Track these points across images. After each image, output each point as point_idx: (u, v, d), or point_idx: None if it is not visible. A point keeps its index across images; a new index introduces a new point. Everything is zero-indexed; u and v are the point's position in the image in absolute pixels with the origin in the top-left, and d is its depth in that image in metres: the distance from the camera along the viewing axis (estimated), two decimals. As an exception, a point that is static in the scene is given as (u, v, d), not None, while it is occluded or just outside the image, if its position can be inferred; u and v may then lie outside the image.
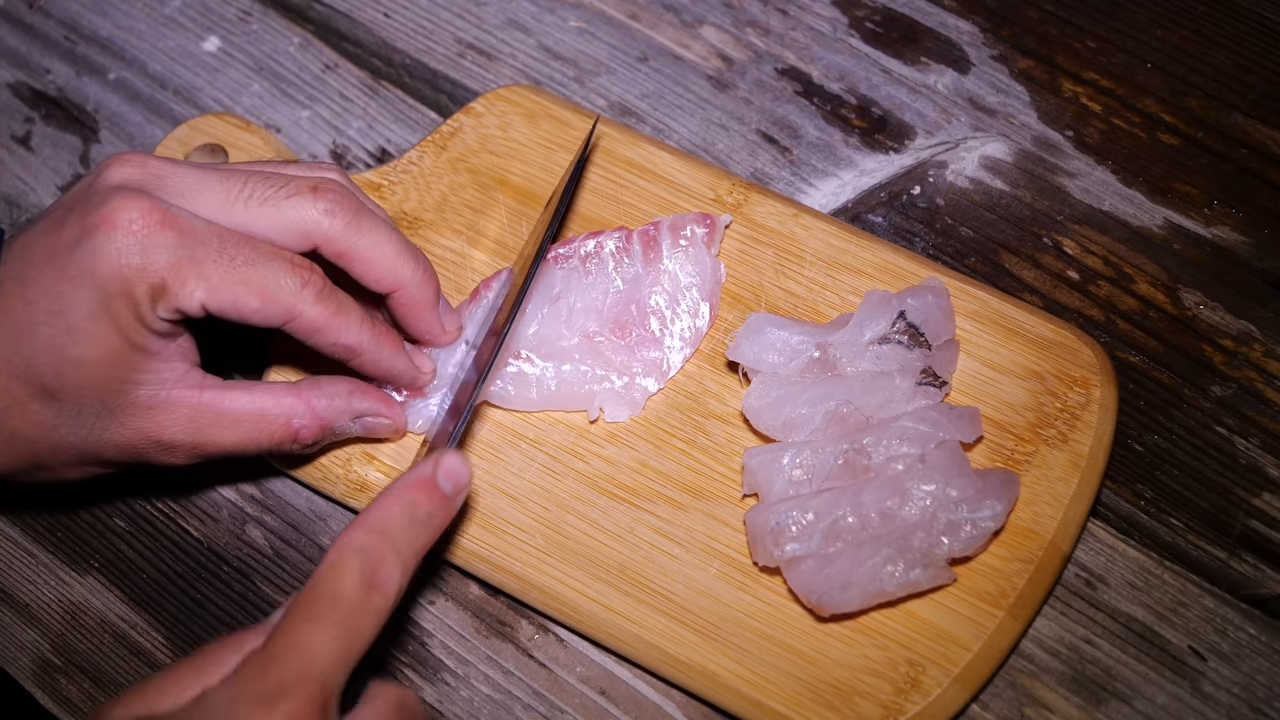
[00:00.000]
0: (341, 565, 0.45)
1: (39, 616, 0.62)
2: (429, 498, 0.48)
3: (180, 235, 0.52)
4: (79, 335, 0.52)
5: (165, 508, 0.64)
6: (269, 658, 0.43)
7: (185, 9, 0.78)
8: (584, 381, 0.61)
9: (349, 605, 0.44)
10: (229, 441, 0.55)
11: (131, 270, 0.51)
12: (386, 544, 0.46)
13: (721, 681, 0.56)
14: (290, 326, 0.54)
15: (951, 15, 0.75)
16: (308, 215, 0.55)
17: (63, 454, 0.54)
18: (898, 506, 0.55)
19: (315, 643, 0.44)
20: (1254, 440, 0.62)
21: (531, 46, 0.76)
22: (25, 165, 0.74)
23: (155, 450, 0.55)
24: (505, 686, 0.59)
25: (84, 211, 0.52)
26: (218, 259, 0.52)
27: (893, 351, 0.58)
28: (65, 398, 0.53)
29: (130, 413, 0.54)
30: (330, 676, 0.43)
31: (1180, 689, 0.57)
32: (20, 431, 0.53)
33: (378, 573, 0.45)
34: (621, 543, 0.58)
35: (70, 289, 0.51)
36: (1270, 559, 0.59)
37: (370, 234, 0.56)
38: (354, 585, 0.45)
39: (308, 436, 0.57)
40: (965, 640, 0.55)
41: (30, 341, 0.52)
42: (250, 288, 0.53)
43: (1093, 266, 0.67)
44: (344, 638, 0.44)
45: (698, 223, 0.63)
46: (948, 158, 0.71)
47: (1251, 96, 0.71)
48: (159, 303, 0.52)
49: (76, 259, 0.51)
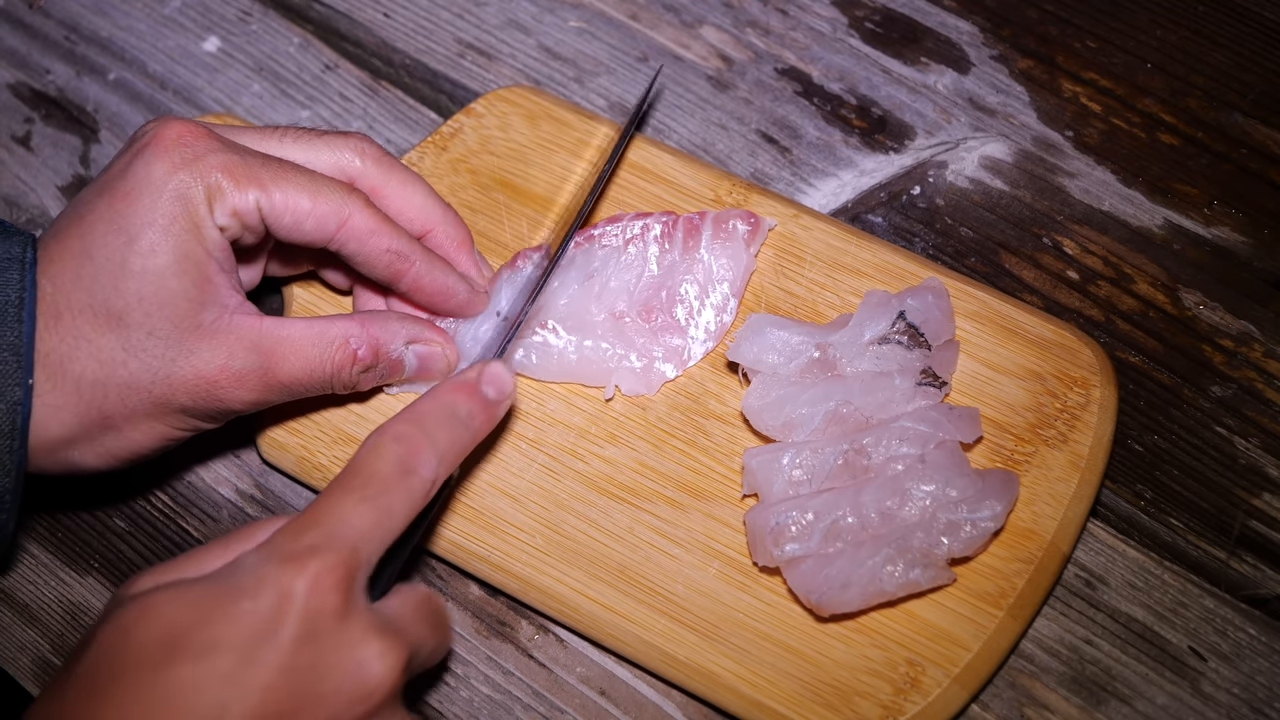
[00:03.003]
0: (379, 447, 0.47)
1: (39, 616, 0.62)
2: (469, 399, 0.50)
3: (227, 145, 0.54)
4: (142, 246, 0.52)
5: (165, 508, 0.64)
6: (302, 523, 0.45)
7: (185, 9, 0.78)
8: (604, 359, 0.61)
9: (384, 482, 0.46)
10: (294, 368, 0.55)
11: (187, 174, 0.52)
12: (424, 434, 0.48)
13: (721, 681, 0.56)
14: (343, 233, 0.55)
15: (951, 15, 0.75)
16: (341, 154, 0.58)
17: (132, 399, 0.53)
18: (897, 507, 0.55)
19: (349, 512, 0.45)
20: (1254, 440, 0.62)
21: (531, 46, 0.76)
22: (25, 165, 0.74)
23: (227, 382, 0.54)
24: (505, 686, 0.59)
25: (129, 146, 0.54)
26: (265, 164, 0.54)
27: (893, 352, 0.58)
28: (132, 321, 0.52)
29: (198, 337, 0.53)
30: (361, 546, 0.45)
31: (1180, 689, 0.57)
32: (89, 374, 0.52)
33: (414, 457, 0.47)
34: (621, 543, 0.58)
35: (126, 205, 0.52)
36: (1270, 559, 0.59)
37: (400, 174, 0.59)
38: (390, 466, 0.47)
39: (366, 356, 0.56)
40: (965, 640, 0.55)
41: (90, 267, 0.52)
42: (301, 189, 0.54)
43: (1093, 267, 0.67)
44: (377, 512, 0.45)
45: (742, 219, 0.63)
46: (948, 158, 0.71)
47: (1251, 96, 0.71)
48: (216, 205, 0.53)
49: (129, 179, 0.53)
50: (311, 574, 0.43)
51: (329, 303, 0.64)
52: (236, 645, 0.42)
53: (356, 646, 0.44)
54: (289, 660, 0.43)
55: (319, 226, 0.55)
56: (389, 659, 0.44)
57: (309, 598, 0.43)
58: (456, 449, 0.49)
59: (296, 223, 0.54)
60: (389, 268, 0.57)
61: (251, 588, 0.43)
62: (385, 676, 0.44)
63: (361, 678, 0.44)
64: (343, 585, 0.44)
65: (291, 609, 0.43)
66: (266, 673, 0.42)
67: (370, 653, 0.44)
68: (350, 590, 0.44)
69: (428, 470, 0.47)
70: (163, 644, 0.43)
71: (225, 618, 0.43)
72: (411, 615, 0.47)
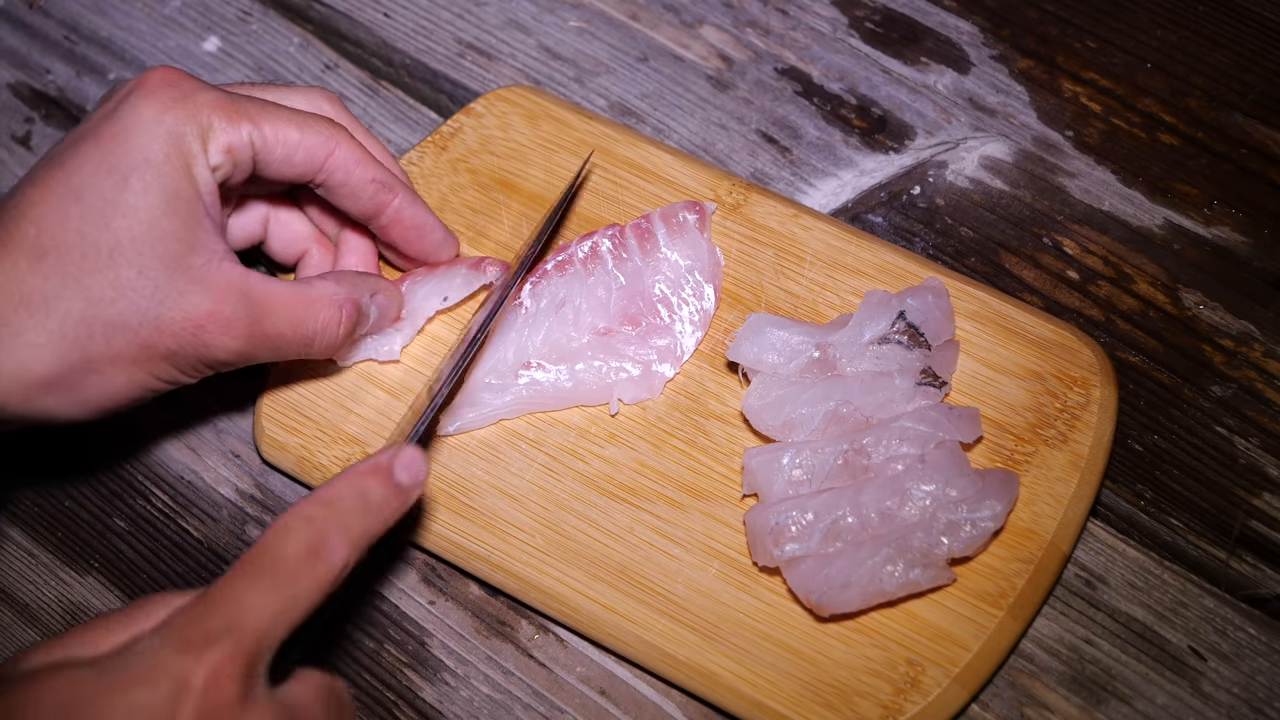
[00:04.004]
0: (288, 530, 0.45)
1: (39, 616, 0.62)
2: (383, 485, 0.47)
3: (214, 87, 0.55)
4: (134, 185, 0.52)
5: (165, 508, 0.64)
6: (202, 608, 0.43)
7: (185, 9, 0.78)
8: (600, 376, 0.61)
9: (291, 567, 0.44)
10: (281, 322, 0.55)
11: (179, 113, 0.53)
12: (335, 518, 0.46)
13: (721, 681, 0.56)
14: (331, 162, 0.56)
15: (951, 15, 0.75)
16: (311, 99, 0.60)
17: (117, 340, 0.52)
18: (897, 506, 0.55)
19: (251, 599, 0.43)
20: (1254, 440, 0.62)
21: (531, 46, 0.76)
22: (25, 165, 0.74)
23: (215, 327, 0.53)
24: (505, 686, 0.59)
25: (111, 95, 0.54)
26: (251, 101, 0.55)
27: (892, 352, 0.58)
28: (122, 258, 0.51)
29: (189, 279, 0.52)
30: (263, 634, 0.43)
31: (1180, 689, 0.57)
32: (75, 312, 0.51)
33: (324, 542, 0.45)
34: (621, 543, 0.58)
35: (116, 145, 0.52)
36: (1270, 559, 0.59)
37: (362, 126, 0.61)
38: (298, 550, 0.44)
39: (351, 312, 0.57)
40: (965, 640, 0.55)
41: (79, 207, 0.51)
42: (289, 122, 0.55)
43: (1093, 266, 0.67)
44: (281, 599, 0.43)
45: (688, 210, 0.64)
46: (948, 158, 0.71)
47: (1251, 96, 0.71)
48: (210, 141, 0.53)
49: (117, 120, 0.52)
50: (210, 663, 0.41)
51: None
52: None
53: None
54: None
55: (309, 158, 0.55)
56: None
57: (207, 689, 0.41)
58: (368, 536, 0.47)
59: (287, 155, 0.55)
60: (373, 198, 0.57)
61: (145, 675, 0.41)
62: None
63: None
64: (242, 675, 0.42)
65: (188, 700, 0.41)
66: None
67: None
68: (250, 680, 0.42)
69: (337, 557, 0.45)
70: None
71: (116, 707, 0.41)
72: (314, 704, 0.45)
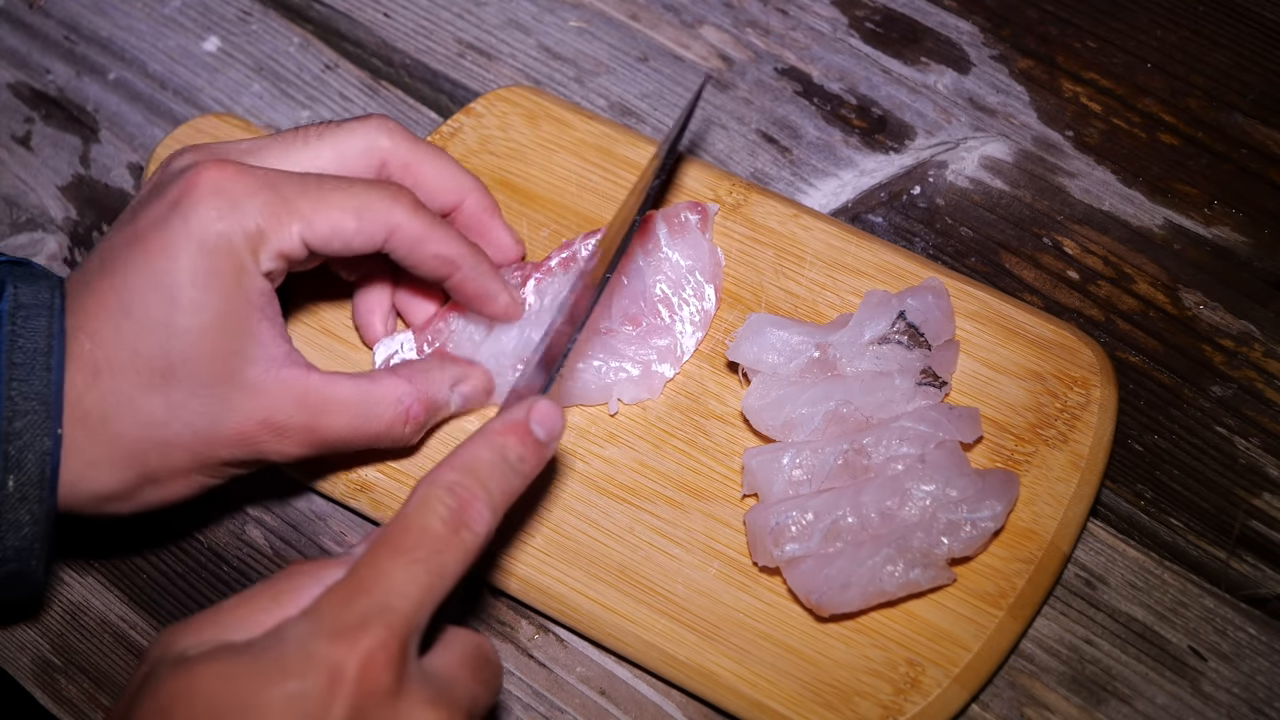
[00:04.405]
0: (430, 501, 0.44)
1: (39, 616, 0.62)
2: (520, 441, 0.47)
3: (264, 182, 0.52)
4: (184, 303, 0.50)
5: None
6: (351, 589, 0.42)
7: (185, 9, 0.78)
8: (600, 376, 0.61)
9: (436, 541, 0.43)
10: (341, 425, 0.54)
11: (227, 225, 0.51)
12: (476, 483, 0.45)
13: (721, 681, 0.56)
14: (391, 242, 0.54)
15: (951, 15, 0.75)
16: (368, 137, 0.57)
17: (174, 457, 0.52)
18: (897, 506, 0.55)
19: (400, 577, 0.42)
20: (1254, 440, 0.62)
21: (531, 46, 0.76)
22: (25, 165, 0.74)
23: (270, 437, 0.53)
24: (505, 686, 0.59)
25: (161, 194, 0.52)
26: (303, 193, 0.53)
27: (893, 352, 0.58)
28: (174, 379, 0.51)
29: (243, 394, 0.52)
30: (414, 613, 0.42)
31: (1180, 689, 0.57)
32: (129, 434, 0.51)
33: (467, 510, 0.44)
34: (621, 543, 0.58)
35: (166, 261, 0.50)
36: (1270, 559, 0.59)
37: (427, 147, 0.59)
38: (442, 522, 0.44)
39: (419, 414, 0.56)
40: (965, 640, 0.55)
41: (130, 324, 0.50)
42: (344, 211, 0.53)
43: (1093, 266, 0.67)
44: (429, 574, 0.43)
45: (690, 210, 0.63)
46: (948, 158, 0.71)
47: (1251, 96, 0.71)
48: (260, 250, 0.52)
49: (166, 231, 0.51)
50: (363, 651, 0.41)
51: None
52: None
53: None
54: None
55: (367, 241, 0.54)
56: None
57: (361, 678, 0.41)
58: (509, 497, 0.46)
59: (345, 244, 0.53)
60: (435, 271, 0.56)
61: (300, 666, 0.41)
62: None
63: None
64: (396, 661, 0.41)
65: (342, 691, 0.40)
66: None
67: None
68: (403, 663, 0.42)
69: (481, 524, 0.45)
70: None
71: (272, 701, 0.40)
72: (462, 671, 0.45)
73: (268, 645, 0.42)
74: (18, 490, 0.49)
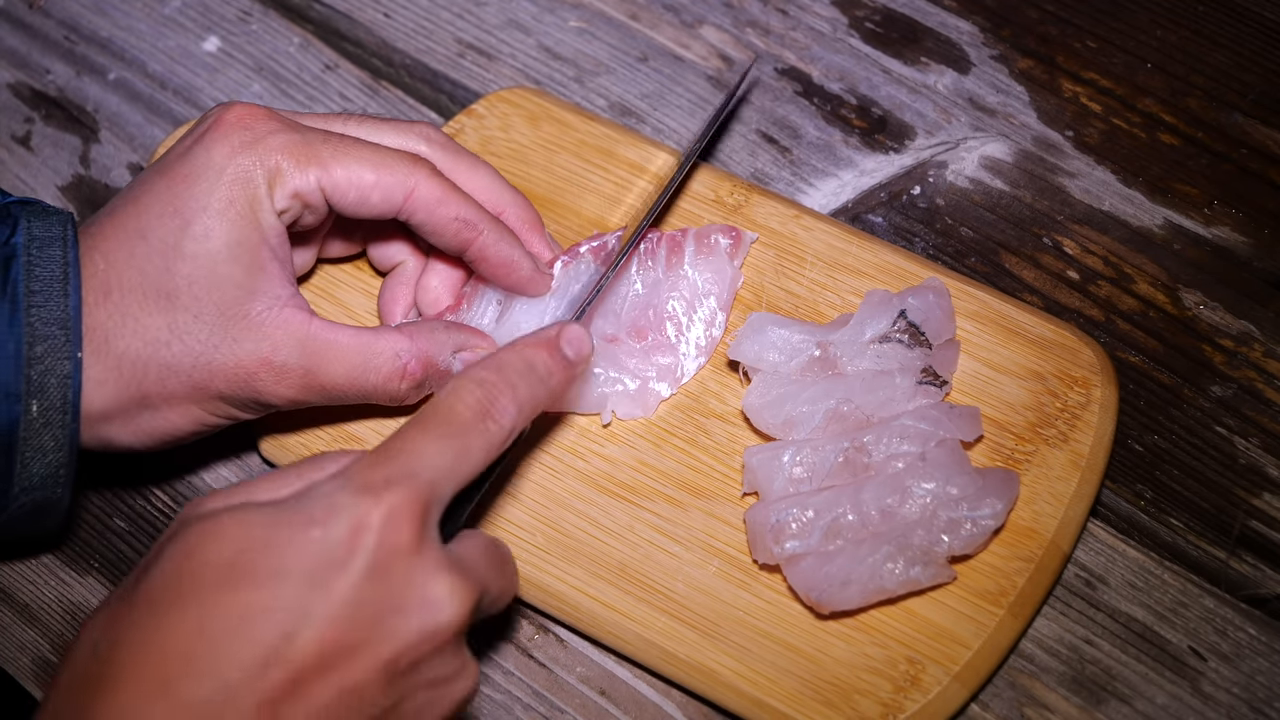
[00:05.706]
0: (460, 390, 0.47)
1: (39, 616, 0.62)
2: (550, 356, 0.49)
3: (288, 125, 0.54)
4: (196, 230, 0.52)
5: (165, 508, 0.64)
6: (379, 455, 0.44)
7: (185, 9, 0.78)
8: (598, 385, 0.61)
9: (463, 424, 0.46)
10: (338, 373, 0.55)
11: (247, 158, 0.53)
12: (504, 381, 0.47)
13: (721, 680, 0.56)
14: (410, 204, 0.55)
15: (951, 15, 0.75)
16: (406, 138, 0.58)
17: (171, 382, 0.53)
18: (898, 504, 0.55)
19: (426, 448, 0.45)
20: (1254, 440, 0.62)
21: (531, 47, 0.76)
22: (25, 165, 0.74)
23: (267, 376, 0.53)
24: (505, 686, 0.59)
25: (192, 132, 0.55)
26: (326, 141, 0.54)
27: (893, 350, 0.58)
28: (179, 302, 0.52)
29: (245, 327, 0.53)
30: (437, 482, 0.44)
31: (1180, 689, 0.57)
32: (131, 351, 0.52)
33: (495, 402, 0.47)
34: (621, 541, 0.58)
35: (185, 187, 0.52)
36: (1270, 559, 0.59)
37: (468, 159, 0.60)
38: (470, 408, 0.46)
39: (416, 371, 0.56)
40: (965, 638, 0.55)
41: (144, 247, 0.52)
42: (364, 163, 0.54)
43: (1093, 266, 0.67)
44: (455, 451, 0.45)
45: (724, 233, 0.62)
46: (948, 158, 0.71)
47: (1251, 96, 0.71)
48: (276, 187, 0.53)
49: (188, 162, 0.53)
50: (387, 506, 0.42)
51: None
52: (305, 573, 0.41)
53: (427, 583, 0.43)
54: (358, 593, 0.42)
55: (385, 198, 0.55)
56: (458, 597, 0.44)
57: (383, 530, 0.42)
58: (534, 402, 0.48)
59: (362, 197, 0.54)
60: (456, 236, 0.57)
61: (324, 515, 0.42)
62: (454, 615, 0.43)
63: (430, 614, 0.43)
64: (417, 520, 0.43)
65: (364, 540, 0.42)
66: (334, 603, 0.41)
67: (440, 590, 0.43)
68: (424, 526, 0.43)
69: (506, 418, 0.47)
70: (228, 567, 0.42)
71: (295, 544, 0.42)
72: (479, 558, 0.46)
73: (293, 499, 0.44)
74: (41, 415, 0.51)
